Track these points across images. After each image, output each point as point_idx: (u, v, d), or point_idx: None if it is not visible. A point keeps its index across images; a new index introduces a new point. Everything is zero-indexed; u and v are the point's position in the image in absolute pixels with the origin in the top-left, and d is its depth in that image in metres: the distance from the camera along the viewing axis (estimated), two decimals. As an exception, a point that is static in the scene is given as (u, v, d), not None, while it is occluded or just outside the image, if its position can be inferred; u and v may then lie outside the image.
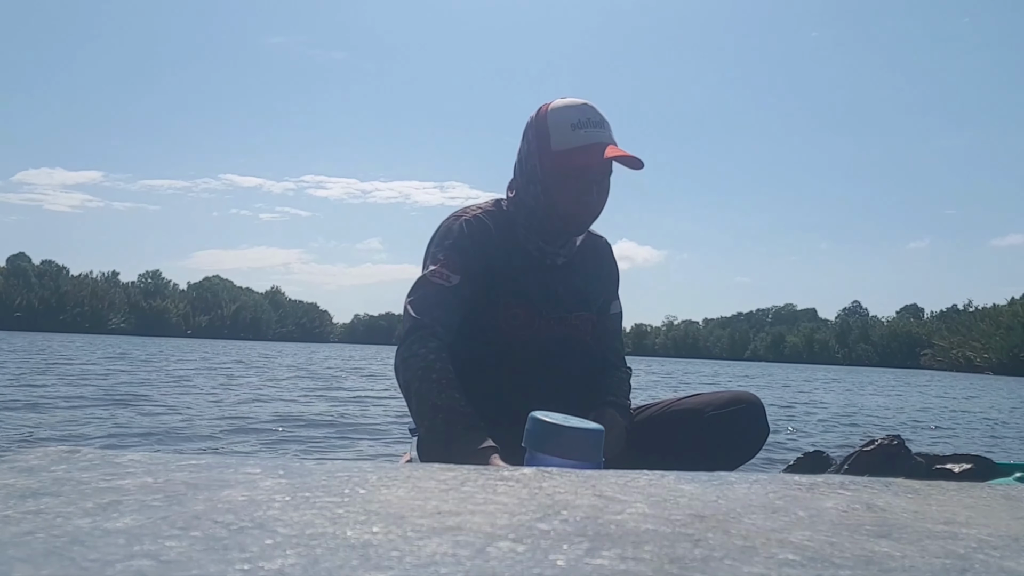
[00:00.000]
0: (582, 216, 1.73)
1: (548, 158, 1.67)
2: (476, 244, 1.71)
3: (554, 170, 1.67)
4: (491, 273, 1.70)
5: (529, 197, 1.72)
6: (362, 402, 6.42)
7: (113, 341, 33.22)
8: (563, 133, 1.66)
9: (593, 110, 1.69)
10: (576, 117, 1.67)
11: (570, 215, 1.71)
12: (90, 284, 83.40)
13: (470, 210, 1.78)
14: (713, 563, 0.54)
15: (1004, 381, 28.83)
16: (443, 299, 1.65)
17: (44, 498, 0.65)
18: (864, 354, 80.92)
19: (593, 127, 1.67)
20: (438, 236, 1.75)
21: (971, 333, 60.82)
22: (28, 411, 4.76)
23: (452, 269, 1.67)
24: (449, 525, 0.60)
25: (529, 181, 1.72)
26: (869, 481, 0.90)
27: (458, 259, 1.68)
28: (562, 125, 1.67)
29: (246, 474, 0.77)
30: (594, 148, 1.65)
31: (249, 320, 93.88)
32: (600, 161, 1.65)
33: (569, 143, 1.65)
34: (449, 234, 1.73)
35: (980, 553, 0.61)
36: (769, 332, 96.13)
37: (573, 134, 1.65)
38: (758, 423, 1.73)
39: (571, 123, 1.66)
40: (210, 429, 4.17)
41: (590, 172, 1.68)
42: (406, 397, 1.60)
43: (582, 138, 1.65)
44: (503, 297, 1.71)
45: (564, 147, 1.66)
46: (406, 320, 1.66)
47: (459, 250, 1.69)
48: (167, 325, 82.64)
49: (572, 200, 1.69)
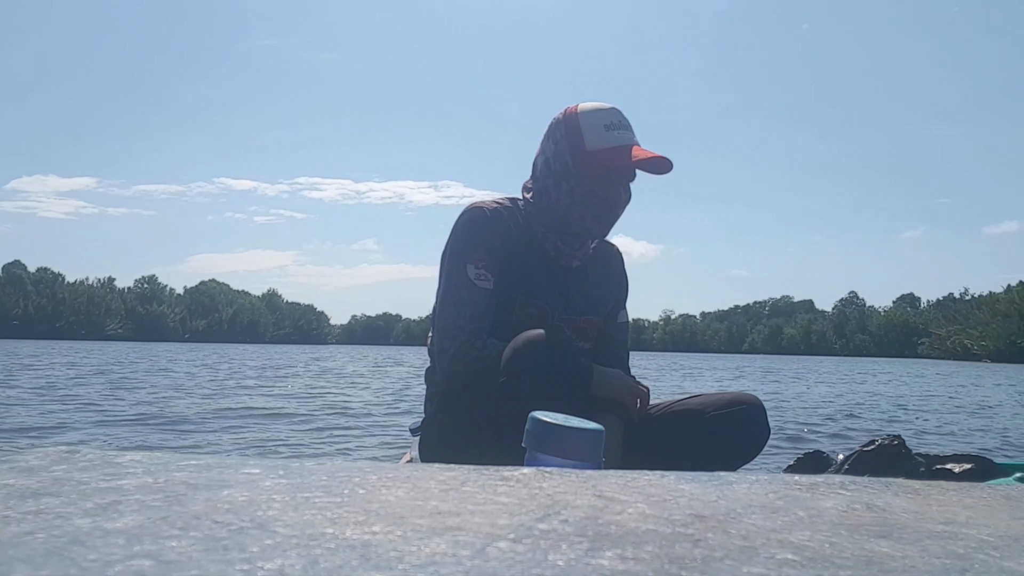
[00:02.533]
0: (609, 217, 1.75)
1: (582, 157, 1.70)
2: (502, 238, 1.72)
3: (589, 169, 1.70)
4: (509, 270, 1.71)
5: (563, 195, 1.73)
6: (362, 402, 6.42)
7: (110, 347, 33.16)
8: (598, 134, 1.70)
9: (622, 114, 1.75)
10: (608, 119, 1.72)
11: (599, 215, 1.74)
12: (86, 291, 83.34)
13: (490, 203, 1.78)
14: (713, 563, 0.54)
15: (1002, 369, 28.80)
16: (488, 307, 1.68)
17: (44, 498, 0.65)
18: (862, 344, 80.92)
19: (624, 129, 1.73)
20: (466, 226, 1.74)
21: (968, 321, 60.84)
22: (28, 412, 4.76)
23: (488, 269, 1.69)
24: (449, 525, 0.60)
25: (560, 179, 1.73)
26: (869, 481, 0.90)
27: (491, 258, 1.70)
28: (596, 126, 1.71)
29: (246, 474, 0.77)
30: (627, 150, 1.69)
31: (246, 323, 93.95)
32: (632, 162, 1.69)
33: (604, 143, 1.69)
34: (478, 226, 1.73)
35: (980, 553, 0.61)
36: (766, 325, 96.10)
37: (608, 135, 1.70)
38: (759, 424, 1.73)
39: (604, 124, 1.71)
40: (210, 429, 4.17)
41: (624, 172, 1.72)
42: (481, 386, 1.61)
43: (616, 139, 1.70)
44: (518, 295, 1.72)
45: (599, 147, 1.69)
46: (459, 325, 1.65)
47: (490, 247, 1.71)
48: (164, 330, 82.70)
49: (603, 200, 1.72)
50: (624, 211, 1.79)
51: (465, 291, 1.68)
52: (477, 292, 1.67)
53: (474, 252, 1.70)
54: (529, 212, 1.79)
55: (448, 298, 1.69)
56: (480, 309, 1.66)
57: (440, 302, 1.72)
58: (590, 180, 1.71)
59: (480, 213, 1.74)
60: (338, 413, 5.41)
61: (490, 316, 1.67)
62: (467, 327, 1.64)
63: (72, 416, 4.58)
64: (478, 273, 1.68)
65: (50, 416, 4.55)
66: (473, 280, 1.68)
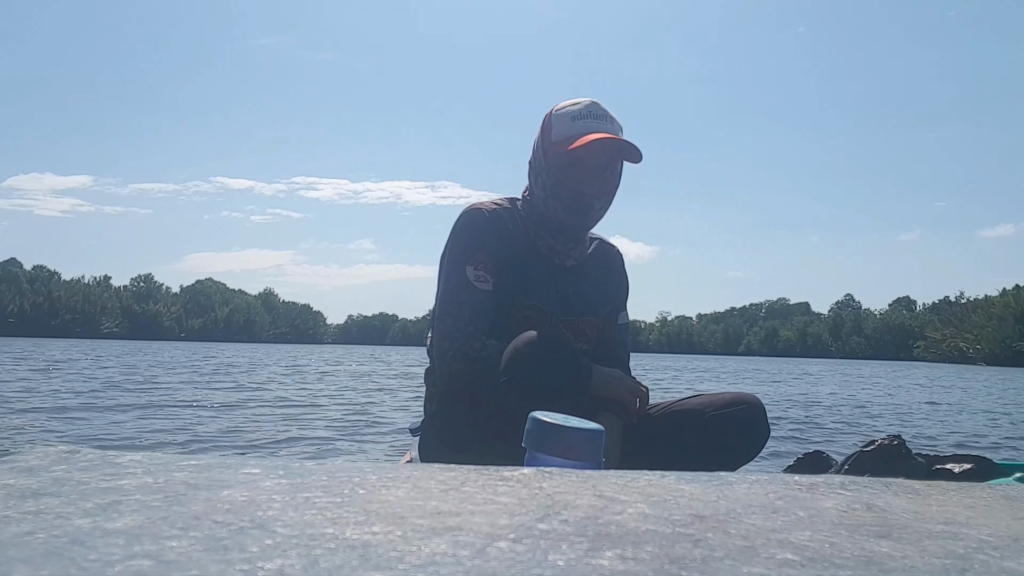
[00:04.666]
0: (580, 207, 1.72)
1: (549, 149, 1.71)
2: (499, 240, 1.73)
3: (554, 159, 1.70)
4: (506, 271, 1.71)
5: (538, 190, 1.74)
6: (362, 402, 6.42)
7: (106, 345, 33.12)
8: (563, 125, 1.70)
9: (597, 106, 1.73)
10: (578, 111, 1.71)
11: (569, 206, 1.72)
12: (82, 289, 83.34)
13: (488, 204, 1.79)
14: (713, 563, 0.53)
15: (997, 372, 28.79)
16: (487, 309, 1.68)
17: (44, 498, 0.65)
18: (857, 347, 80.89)
19: (594, 119, 1.71)
20: (466, 228, 1.74)
21: (963, 325, 60.94)
22: (28, 412, 4.75)
23: (487, 270, 1.69)
24: (449, 525, 0.60)
25: (536, 175, 1.75)
26: (869, 481, 0.90)
27: (490, 259, 1.70)
28: (563, 118, 1.71)
29: (246, 474, 0.77)
30: (590, 137, 1.67)
31: (242, 322, 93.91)
32: (595, 150, 1.67)
33: (567, 132, 1.69)
34: (477, 227, 1.73)
35: (980, 553, 0.61)
36: (762, 327, 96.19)
37: (572, 124, 1.70)
38: (759, 424, 1.73)
39: (571, 116, 1.71)
40: (210, 429, 4.16)
41: (587, 161, 1.69)
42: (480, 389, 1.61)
43: (580, 128, 1.69)
44: (516, 297, 1.72)
45: (562, 136, 1.69)
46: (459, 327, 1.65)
47: (488, 248, 1.71)
48: (160, 329, 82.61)
49: (571, 190, 1.70)
50: (605, 204, 1.75)
51: (464, 293, 1.68)
52: (476, 294, 1.67)
53: (473, 254, 1.70)
54: (524, 212, 1.79)
55: (448, 299, 1.69)
56: (479, 311, 1.66)
57: (439, 304, 1.72)
58: (556, 170, 1.71)
59: (479, 215, 1.75)
60: (338, 413, 5.41)
61: (489, 318, 1.67)
62: (466, 329, 1.64)
63: (71, 416, 4.58)
64: (477, 275, 1.68)
65: (50, 416, 4.55)
66: (472, 282, 1.68)
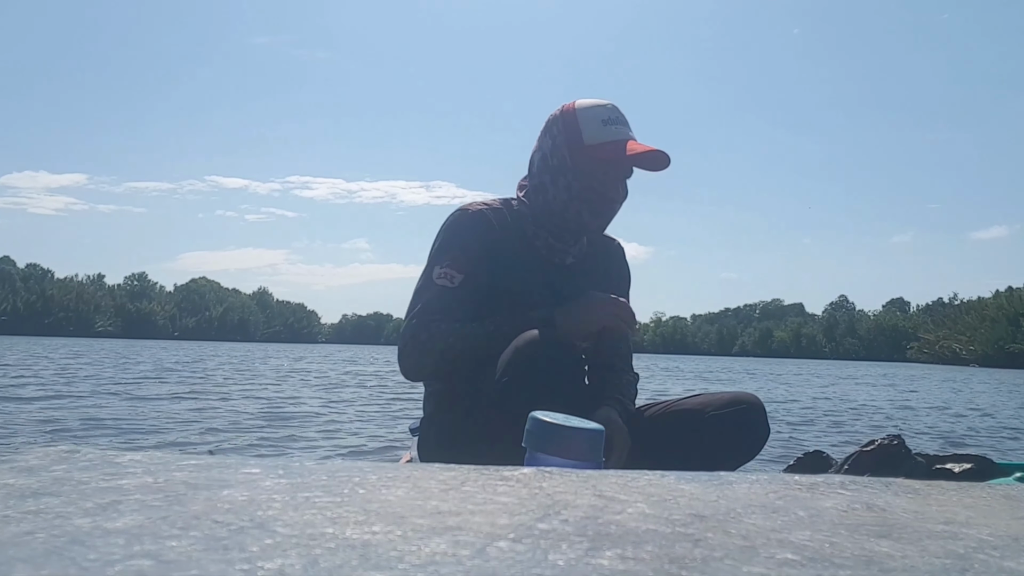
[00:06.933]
0: (606, 212, 1.76)
1: (580, 151, 1.71)
2: (481, 239, 1.73)
3: (587, 164, 1.71)
4: (496, 270, 1.71)
5: (560, 190, 1.74)
6: (361, 402, 6.42)
7: (100, 344, 33.10)
8: (596, 128, 1.71)
9: (619, 110, 1.75)
10: (606, 115, 1.73)
11: (596, 210, 1.74)
12: (75, 287, 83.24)
13: (476, 204, 1.80)
14: (713, 563, 0.53)
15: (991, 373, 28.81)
16: (447, 304, 1.67)
17: (44, 498, 0.65)
18: (851, 348, 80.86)
19: (622, 125, 1.74)
20: (445, 231, 1.76)
21: (956, 326, 60.88)
22: (28, 411, 4.75)
23: (457, 268, 1.69)
24: (449, 525, 0.60)
25: (558, 174, 1.74)
26: (869, 481, 0.90)
27: (462, 256, 1.70)
28: (594, 121, 1.72)
29: (246, 474, 0.77)
30: (624, 144, 1.70)
31: (237, 321, 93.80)
32: (630, 156, 1.70)
33: (602, 137, 1.70)
34: (455, 229, 1.75)
35: (980, 553, 0.61)
36: (757, 327, 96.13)
37: (605, 129, 1.71)
38: (759, 424, 1.73)
39: (602, 119, 1.72)
40: (210, 429, 4.16)
41: (622, 166, 1.73)
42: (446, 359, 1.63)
43: (614, 133, 1.71)
44: (507, 296, 1.71)
45: (597, 141, 1.70)
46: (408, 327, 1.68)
47: (463, 247, 1.71)
48: (154, 327, 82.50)
49: (601, 195, 1.73)
50: (621, 207, 1.79)
51: (426, 291, 1.71)
52: (433, 290, 1.69)
53: (443, 256, 1.72)
54: (521, 211, 1.79)
55: (411, 300, 1.72)
56: (433, 304, 1.67)
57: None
58: (588, 175, 1.72)
59: (460, 216, 1.76)
60: (337, 413, 5.41)
61: (450, 311, 1.67)
62: (412, 321, 1.67)
63: (71, 416, 4.58)
64: (441, 273, 1.70)
65: (49, 416, 4.55)
66: (434, 279, 1.70)
